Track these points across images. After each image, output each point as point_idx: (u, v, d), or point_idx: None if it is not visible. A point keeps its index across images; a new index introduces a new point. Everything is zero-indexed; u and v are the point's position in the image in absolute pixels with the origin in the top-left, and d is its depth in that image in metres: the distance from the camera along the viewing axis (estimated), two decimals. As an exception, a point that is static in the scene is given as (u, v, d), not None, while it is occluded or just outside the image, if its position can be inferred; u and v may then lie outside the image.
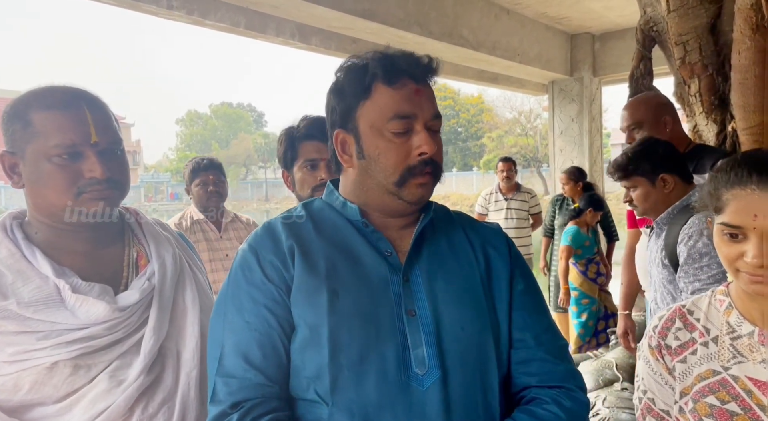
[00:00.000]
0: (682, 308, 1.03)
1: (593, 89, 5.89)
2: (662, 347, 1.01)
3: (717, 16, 2.64)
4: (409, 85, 0.92)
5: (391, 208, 0.97)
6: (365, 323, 0.89)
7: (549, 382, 0.93)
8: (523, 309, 0.98)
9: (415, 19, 3.99)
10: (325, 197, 1.04)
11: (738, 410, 0.90)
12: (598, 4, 4.96)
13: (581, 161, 5.90)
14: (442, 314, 0.92)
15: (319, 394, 0.87)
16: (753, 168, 0.87)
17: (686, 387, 0.96)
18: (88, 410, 0.93)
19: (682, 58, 2.72)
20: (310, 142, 1.56)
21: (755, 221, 0.85)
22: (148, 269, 1.06)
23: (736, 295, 0.97)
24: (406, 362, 0.88)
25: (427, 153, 0.92)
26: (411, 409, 0.86)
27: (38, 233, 1.02)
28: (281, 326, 0.90)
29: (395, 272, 0.94)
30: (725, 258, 0.91)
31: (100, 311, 0.96)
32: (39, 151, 0.97)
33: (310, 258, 0.92)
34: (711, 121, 2.73)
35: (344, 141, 0.97)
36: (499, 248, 1.02)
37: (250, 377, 0.87)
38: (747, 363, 0.92)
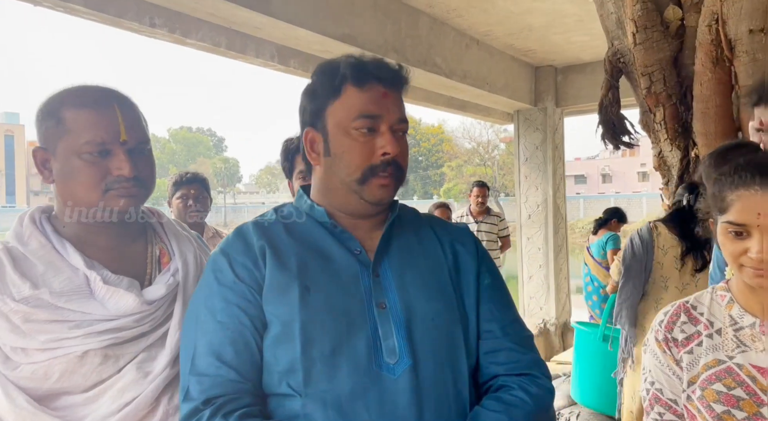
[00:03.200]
0: (685, 303, 1.10)
1: (556, 119, 6.14)
2: (669, 340, 1.06)
3: (679, 49, 2.84)
4: (377, 88, 0.96)
5: (354, 208, 1.00)
6: (336, 316, 0.91)
7: (516, 370, 0.98)
8: (491, 302, 1.02)
9: (392, 45, 4.11)
10: (295, 202, 1.08)
11: (743, 395, 0.97)
12: (561, 39, 5.22)
13: (545, 188, 6.10)
14: (412, 306, 0.95)
15: (292, 387, 0.89)
16: (756, 171, 0.95)
17: (693, 376, 1.03)
18: (117, 399, 0.94)
19: (648, 88, 2.91)
20: None
21: (759, 219, 0.92)
22: (172, 265, 1.08)
23: (737, 290, 1.05)
24: (377, 352, 0.91)
25: (390, 153, 0.95)
26: (382, 397, 0.88)
27: (66, 227, 1.03)
28: (253, 324, 0.92)
29: (365, 268, 0.97)
30: (730, 255, 0.98)
31: (129, 303, 0.98)
32: (69, 147, 0.98)
33: (281, 257, 0.95)
34: (675, 148, 2.91)
35: (313, 139, 1.01)
36: (466, 245, 1.06)
37: (222, 374, 0.89)
38: (750, 352, 0.99)
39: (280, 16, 3.30)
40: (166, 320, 1.03)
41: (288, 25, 3.36)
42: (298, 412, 0.88)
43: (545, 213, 6.10)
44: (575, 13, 4.55)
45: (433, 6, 4.37)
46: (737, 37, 2.49)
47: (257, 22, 3.35)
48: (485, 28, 4.89)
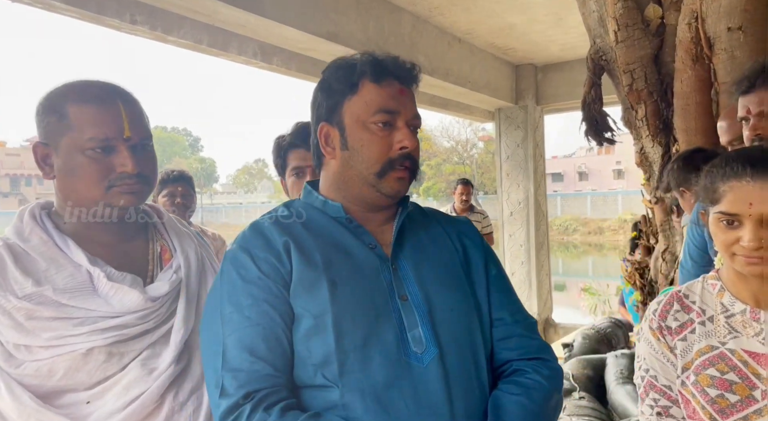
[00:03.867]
0: (678, 292, 1.13)
1: (536, 117, 6.22)
2: (663, 328, 1.09)
3: (660, 47, 2.90)
4: (394, 85, 1.00)
5: (369, 201, 1.02)
6: (364, 309, 0.94)
7: (527, 355, 1.02)
8: (499, 291, 1.07)
9: (375, 42, 4.11)
10: (303, 198, 1.09)
11: (736, 379, 1.00)
12: (542, 37, 5.29)
13: (526, 185, 6.17)
14: (432, 297, 0.99)
15: (327, 378, 0.91)
16: (747, 162, 0.97)
17: (687, 362, 1.06)
18: (122, 396, 0.93)
19: (630, 85, 2.96)
20: (296, 151, 1.61)
21: (751, 208, 0.95)
22: (174, 262, 1.07)
23: (727, 278, 1.08)
24: (405, 343, 0.94)
25: (408, 147, 0.99)
26: (415, 385, 0.92)
27: (67, 224, 1.01)
28: (282, 319, 0.93)
29: (384, 262, 1.00)
30: (722, 244, 1.01)
31: (133, 300, 0.97)
32: (73, 143, 0.97)
33: (306, 253, 0.97)
34: (656, 144, 2.96)
35: (328, 134, 1.02)
36: (472, 238, 1.11)
37: (257, 368, 0.90)
38: (742, 338, 1.02)
39: (264, 13, 3.27)
40: (169, 317, 1.02)
41: (272, 22, 3.34)
42: (337, 402, 0.90)
43: (527, 210, 6.17)
44: (555, 11, 4.61)
45: (416, 4, 4.38)
46: (716, 35, 2.55)
47: (241, 19, 3.32)
48: (467, 27, 4.92)
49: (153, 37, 3.32)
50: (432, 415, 0.91)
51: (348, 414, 0.89)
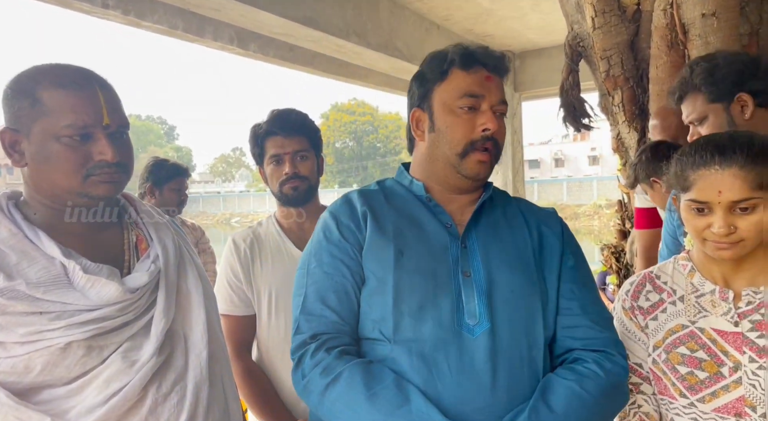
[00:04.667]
0: (650, 273, 1.15)
1: (514, 104, 6.25)
2: (635, 308, 1.13)
3: (636, 33, 2.92)
4: (481, 72, 1.05)
5: (452, 183, 1.09)
6: (425, 278, 1.01)
7: (592, 346, 1.03)
8: (572, 282, 1.08)
9: (353, 29, 4.07)
10: (396, 177, 1.18)
11: (705, 356, 1.03)
12: (519, 24, 5.30)
13: (505, 172, 6.22)
14: (494, 277, 1.03)
15: (383, 333, 1.00)
16: (715, 150, 0.99)
17: (658, 341, 1.09)
18: (103, 390, 0.91)
19: (607, 71, 2.99)
20: (273, 138, 1.60)
21: (720, 196, 0.97)
22: (151, 252, 1.05)
23: (698, 259, 1.11)
24: (459, 314, 0.99)
25: (491, 129, 1.04)
26: (461, 352, 0.97)
27: (37, 214, 0.98)
28: (353, 278, 1.04)
29: (454, 239, 1.06)
30: (693, 229, 1.04)
31: (112, 292, 0.94)
32: (48, 130, 0.93)
33: (380, 222, 1.07)
34: (632, 129, 3.00)
35: (419, 118, 1.11)
36: (553, 227, 1.13)
37: (326, 315, 1.02)
38: (710, 317, 1.05)
39: (239, -3, 3.22)
40: (149, 308, 1.00)
41: (248, 7, 3.28)
42: (387, 355, 0.99)
43: (505, 196, 6.22)
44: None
45: (394, -11, 4.35)
46: (690, 22, 2.58)
47: (216, 4, 3.26)
48: (445, 13, 4.91)
49: (126, 22, 3.24)
50: (473, 382, 0.95)
51: (394, 367, 0.97)
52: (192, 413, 0.98)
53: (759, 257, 1.04)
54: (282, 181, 1.58)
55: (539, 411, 0.92)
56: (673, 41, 2.66)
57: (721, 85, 1.38)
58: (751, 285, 1.04)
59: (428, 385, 0.94)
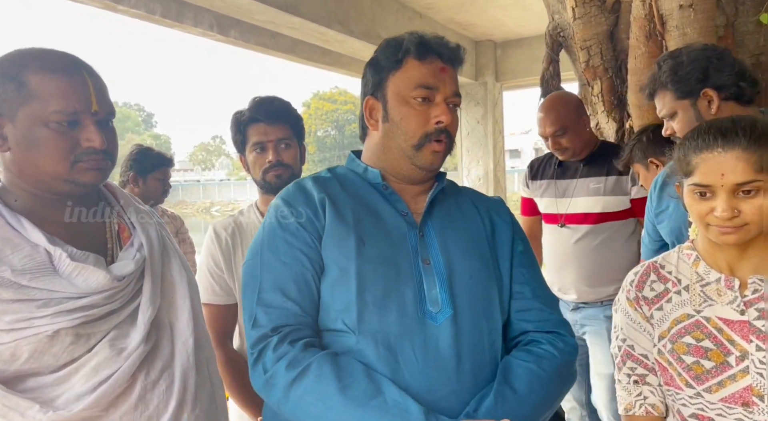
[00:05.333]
0: (654, 263, 1.14)
1: (496, 93, 6.28)
2: (639, 299, 1.11)
3: (615, 24, 2.95)
4: (436, 62, 1.05)
5: (405, 173, 1.09)
6: (387, 267, 1.01)
7: (544, 328, 1.07)
8: (523, 266, 1.11)
9: (335, 16, 4.04)
10: (347, 164, 1.16)
11: (711, 346, 1.02)
12: (501, 13, 5.31)
13: (486, 161, 6.26)
14: (453, 264, 1.04)
15: (347, 324, 0.98)
16: (718, 133, 0.98)
17: (664, 331, 1.07)
18: (91, 377, 0.91)
19: (586, 61, 3.02)
20: (256, 125, 1.59)
21: (723, 179, 0.96)
22: (135, 240, 1.04)
23: (703, 248, 1.09)
24: (422, 301, 1.00)
25: (444, 123, 1.04)
26: (426, 340, 0.97)
27: (18, 201, 0.96)
28: (313, 267, 1.01)
29: (412, 228, 1.06)
30: (696, 214, 1.02)
31: (99, 279, 0.94)
32: (35, 115, 0.92)
33: (340, 210, 1.05)
34: (611, 120, 3.05)
35: (372, 107, 1.10)
36: (502, 215, 1.16)
37: (288, 307, 0.99)
38: (716, 306, 1.04)
39: (219, -18, 3.17)
40: (134, 296, 1.00)
41: (229, -8, 3.24)
42: (353, 347, 0.97)
43: (486, 186, 6.27)
44: (515, -13, 4.63)
45: (376, -23, 4.32)
46: (668, 13, 2.61)
47: (195, -11, 3.21)
48: (427, 2, 4.90)
49: (102, 5, 3.17)
50: (439, 369, 0.96)
51: (361, 358, 0.96)
52: (181, 400, 0.99)
53: (763, 244, 1.02)
54: (265, 169, 1.57)
55: (504, 394, 0.96)
56: (651, 32, 2.69)
57: (686, 82, 1.41)
58: (757, 272, 1.02)
59: (396, 375, 0.94)
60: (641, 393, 1.09)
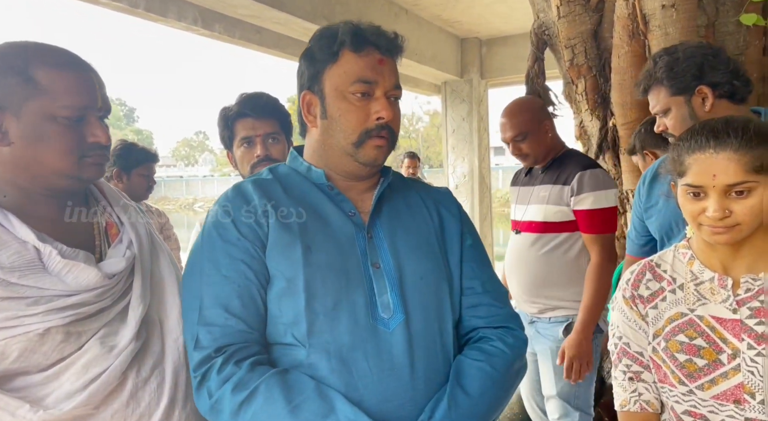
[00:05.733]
0: (650, 262, 1.15)
1: (481, 91, 6.31)
2: (635, 297, 1.12)
3: (599, 23, 2.98)
4: (374, 54, 1.00)
5: (349, 171, 1.04)
6: (336, 274, 0.97)
7: (494, 323, 1.06)
8: (472, 261, 1.09)
9: (321, 11, 4.02)
10: (289, 163, 1.11)
11: (704, 344, 1.03)
12: (487, 11, 5.33)
13: (471, 158, 6.29)
14: (403, 266, 1.02)
15: (296, 338, 0.94)
16: (710, 134, 0.99)
17: (658, 329, 1.09)
18: (81, 376, 0.90)
19: (571, 60, 3.04)
20: (244, 120, 1.58)
21: (715, 179, 0.97)
22: (124, 237, 1.03)
23: (697, 247, 1.11)
24: (373, 308, 0.97)
25: (385, 118, 1.00)
26: (379, 348, 0.95)
27: (7, 197, 0.94)
28: (258, 279, 0.96)
29: (360, 230, 1.02)
30: (689, 214, 1.03)
31: (90, 277, 0.93)
32: (42, 110, 0.91)
33: (283, 215, 1.00)
34: (595, 118, 3.08)
35: (310, 102, 1.04)
36: (450, 208, 1.13)
37: (231, 324, 0.94)
38: (709, 304, 1.05)
39: (204, -24, 3.13)
40: (124, 294, 0.99)
41: (213, -14, 3.21)
42: (303, 361, 0.93)
43: (472, 183, 6.30)
44: (500, -15, 4.65)
45: (362, -27, 4.31)
46: (651, 12, 2.65)
47: (179, -17, 3.17)
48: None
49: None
50: (394, 377, 0.94)
51: (313, 373, 0.92)
52: (172, 397, 0.98)
53: (757, 243, 1.04)
54: (254, 164, 1.56)
55: (457, 398, 0.95)
56: (634, 31, 2.73)
57: (681, 79, 1.42)
58: (750, 272, 1.04)
59: (350, 388, 0.92)
60: (636, 390, 1.11)
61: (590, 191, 2.00)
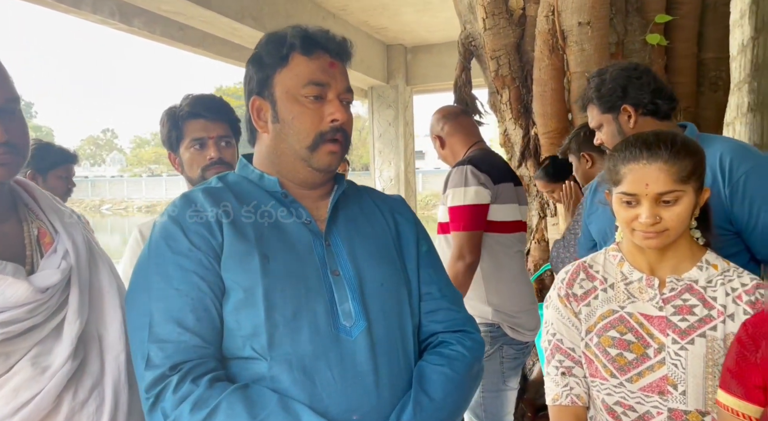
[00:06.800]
0: (583, 263, 1.23)
1: (406, 97, 6.43)
2: (569, 295, 1.19)
3: (521, 37, 3.14)
4: (324, 58, 0.99)
5: (302, 177, 1.03)
6: (295, 283, 0.95)
7: (453, 327, 1.08)
8: (429, 267, 1.11)
9: (249, 12, 3.94)
10: (238, 171, 1.08)
11: (633, 339, 1.11)
12: (412, 19, 5.45)
13: (397, 163, 6.39)
14: (363, 273, 1.01)
15: (256, 350, 0.91)
16: (643, 146, 1.08)
17: (591, 326, 1.16)
18: (11, 400, 0.83)
19: (496, 71, 3.18)
20: (195, 121, 1.52)
21: (647, 188, 1.05)
22: (58, 247, 0.95)
23: (627, 250, 1.19)
24: (335, 316, 0.96)
25: (339, 120, 0.99)
26: (343, 356, 0.94)
27: None
28: (212, 291, 0.92)
29: (317, 238, 1.01)
30: (623, 221, 1.12)
31: (20, 292, 0.85)
32: None
33: (239, 226, 0.96)
34: (518, 127, 3.24)
35: (260, 107, 1.02)
36: (405, 214, 1.14)
37: (185, 339, 0.89)
38: (638, 302, 1.14)
39: (124, -32, 2.98)
40: (59, 309, 0.91)
41: (134, -20, 3.05)
42: (265, 374, 0.90)
43: (398, 186, 6.40)
44: (426, -5, 4.77)
45: (291, -26, 4.27)
46: (569, 29, 2.83)
47: (96, -27, 2.99)
48: (342, 3, 4.91)
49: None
50: (358, 385, 0.93)
51: (275, 386, 0.90)
52: (111, 420, 0.92)
53: (681, 247, 1.12)
54: (205, 167, 1.50)
55: (422, 403, 0.95)
56: (554, 46, 2.90)
57: (608, 98, 1.55)
58: (674, 273, 1.12)
59: (314, 399, 0.90)
60: (568, 384, 1.17)
61: (450, 188, 2.01)
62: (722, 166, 1.36)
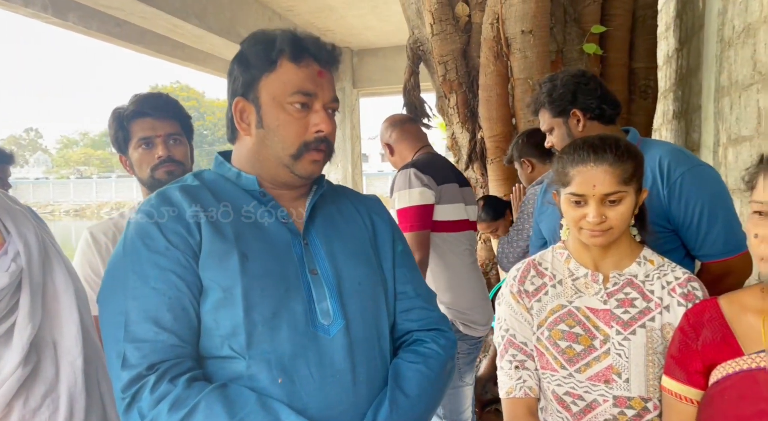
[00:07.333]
0: (533, 260, 1.29)
1: (353, 100, 6.46)
2: (522, 292, 1.25)
3: (467, 43, 3.23)
4: (313, 66, 0.99)
5: (283, 181, 1.03)
6: (274, 282, 0.95)
7: (427, 326, 1.11)
8: (404, 266, 1.14)
9: (192, 10, 3.84)
10: (215, 168, 1.07)
11: (581, 331, 1.18)
12: (359, 22, 5.48)
13: (345, 165, 6.40)
14: (341, 272, 1.02)
15: (234, 350, 0.91)
16: (591, 149, 1.14)
17: (542, 320, 1.22)
18: None
19: (444, 75, 3.25)
20: (142, 120, 1.49)
21: (594, 189, 1.11)
22: (10, 248, 0.92)
23: (573, 247, 1.26)
24: (313, 315, 0.97)
25: (324, 131, 1.00)
26: (321, 355, 0.95)
27: None
28: (190, 290, 0.92)
29: (295, 237, 1.01)
30: (571, 220, 1.18)
31: None
32: None
33: (217, 224, 0.96)
34: (465, 130, 3.32)
35: (243, 109, 1.01)
36: (381, 215, 1.16)
37: (162, 339, 0.88)
38: (585, 297, 1.20)
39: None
40: (8, 313, 0.88)
41: (70, -28, 2.91)
42: (243, 373, 0.90)
43: (344, 189, 6.40)
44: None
45: (236, -27, 4.19)
46: (513, 37, 2.93)
47: (28, -36, 2.83)
48: (288, 3, 4.87)
49: None
50: (336, 383, 0.95)
51: (254, 385, 0.90)
52: None
53: (622, 244, 1.20)
54: (154, 166, 1.46)
55: (398, 400, 0.98)
56: (499, 53, 3.00)
57: (558, 103, 1.64)
58: (616, 268, 1.19)
59: (293, 397, 0.91)
60: (521, 377, 1.23)
61: (396, 191, 2.08)
62: (661, 168, 1.46)
